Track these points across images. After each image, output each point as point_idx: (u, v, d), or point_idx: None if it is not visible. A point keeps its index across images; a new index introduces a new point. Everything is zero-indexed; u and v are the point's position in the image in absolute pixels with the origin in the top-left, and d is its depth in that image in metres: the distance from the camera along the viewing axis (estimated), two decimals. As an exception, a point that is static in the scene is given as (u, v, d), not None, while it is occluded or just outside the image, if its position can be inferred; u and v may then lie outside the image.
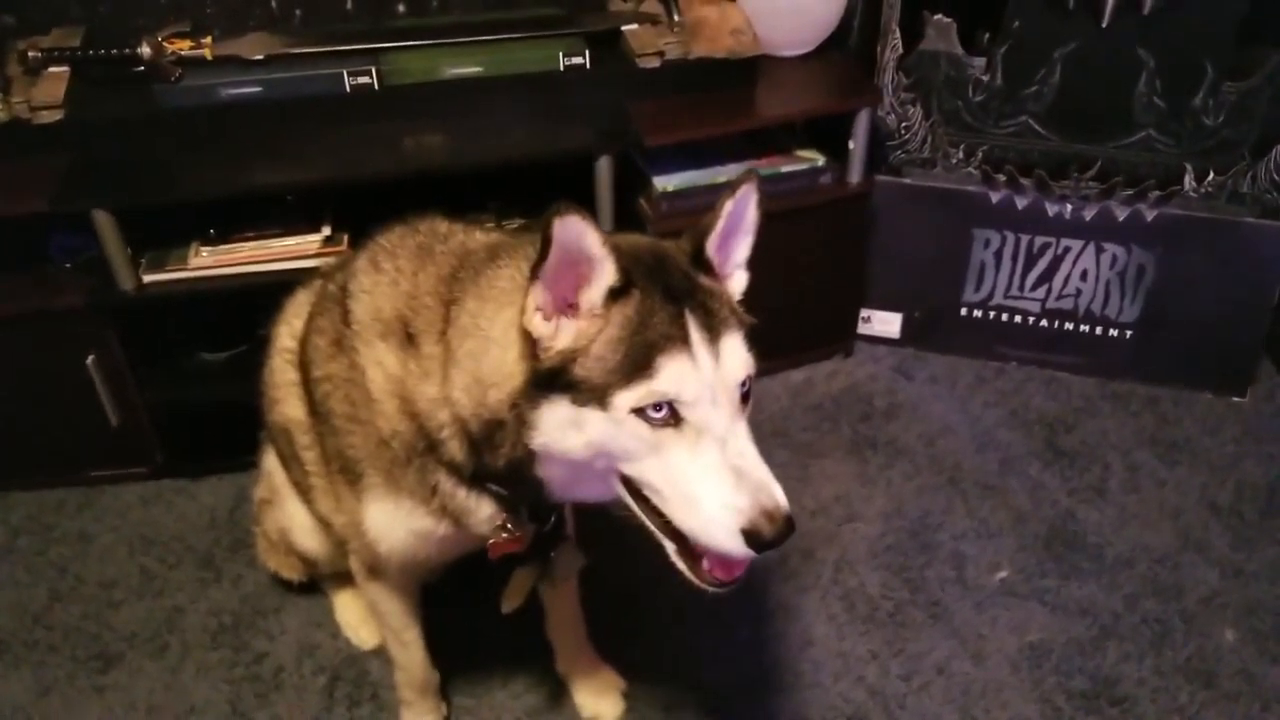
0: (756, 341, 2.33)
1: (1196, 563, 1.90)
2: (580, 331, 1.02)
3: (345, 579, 1.73)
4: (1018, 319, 2.36)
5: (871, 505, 2.03)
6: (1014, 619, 1.80)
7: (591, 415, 1.02)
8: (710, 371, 1.01)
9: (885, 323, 2.43)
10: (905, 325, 2.42)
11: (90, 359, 1.95)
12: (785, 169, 2.15)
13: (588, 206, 1.97)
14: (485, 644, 1.75)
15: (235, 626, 1.83)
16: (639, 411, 1.00)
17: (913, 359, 2.41)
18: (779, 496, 1.03)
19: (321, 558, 1.69)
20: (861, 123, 2.11)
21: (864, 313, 2.43)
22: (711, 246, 1.11)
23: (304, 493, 1.51)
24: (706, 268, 1.10)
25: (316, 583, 1.84)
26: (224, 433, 2.07)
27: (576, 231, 0.97)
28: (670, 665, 1.73)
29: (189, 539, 2.01)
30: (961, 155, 2.27)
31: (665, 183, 2.09)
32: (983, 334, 2.39)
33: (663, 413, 1.00)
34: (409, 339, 1.18)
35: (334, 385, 1.27)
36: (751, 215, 1.14)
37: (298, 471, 1.46)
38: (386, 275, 1.23)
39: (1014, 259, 2.30)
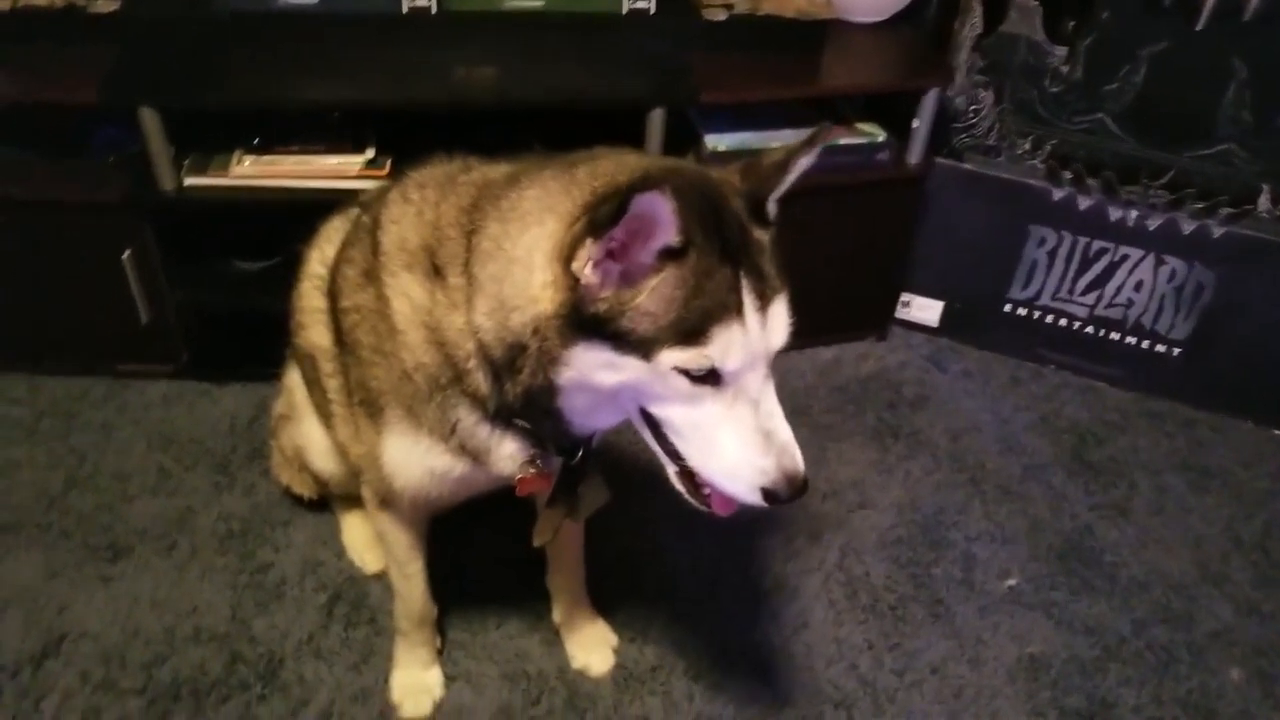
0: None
1: (1212, 595, 1.86)
2: (633, 286, 1.00)
3: (355, 501, 1.74)
4: (1062, 322, 2.30)
5: (886, 495, 2.00)
6: (1017, 628, 1.77)
7: (631, 362, 1.02)
8: (758, 339, 1.02)
9: (925, 309, 2.38)
10: (945, 314, 2.37)
11: (126, 254, 1.95)
12: (843, 141, 2.08)
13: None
14: (486, 584, 1.76)
15: (244, 534, 1.85)
16: (682, 368, 1.01)
17: (948, 350, 2.36)
18: (800, 461, 1.08)
19: (334, 479, 1.70)
20: (929, 102, 2.04)
21: (904, 297, 2.38)
22: (772, 203, 1.09)
23: (324, 418, 1.51)
24: (762, 219, 1.08)
25: (327, 501, 1.85)
26: (250, 341, 2.08)
27: (656, 206, 0.94)
28: (662, 630, 1.73)
29: (207, 442, 2.03)
30: (1028, 147, 2.19)
31: (717, 141, 2.04)
32: (1024, 333, 2.33)
33: (705, 372, 1.01)
34: (435, 270, 1.16)
35: (361, 316, 1.26)
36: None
37: (319, 396, 1.46)
38: (413, 206, 1.22)
39: (1068, 260, 2.23)
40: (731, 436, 1.05)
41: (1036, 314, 2.31)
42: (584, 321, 1.02)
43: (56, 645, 1.65)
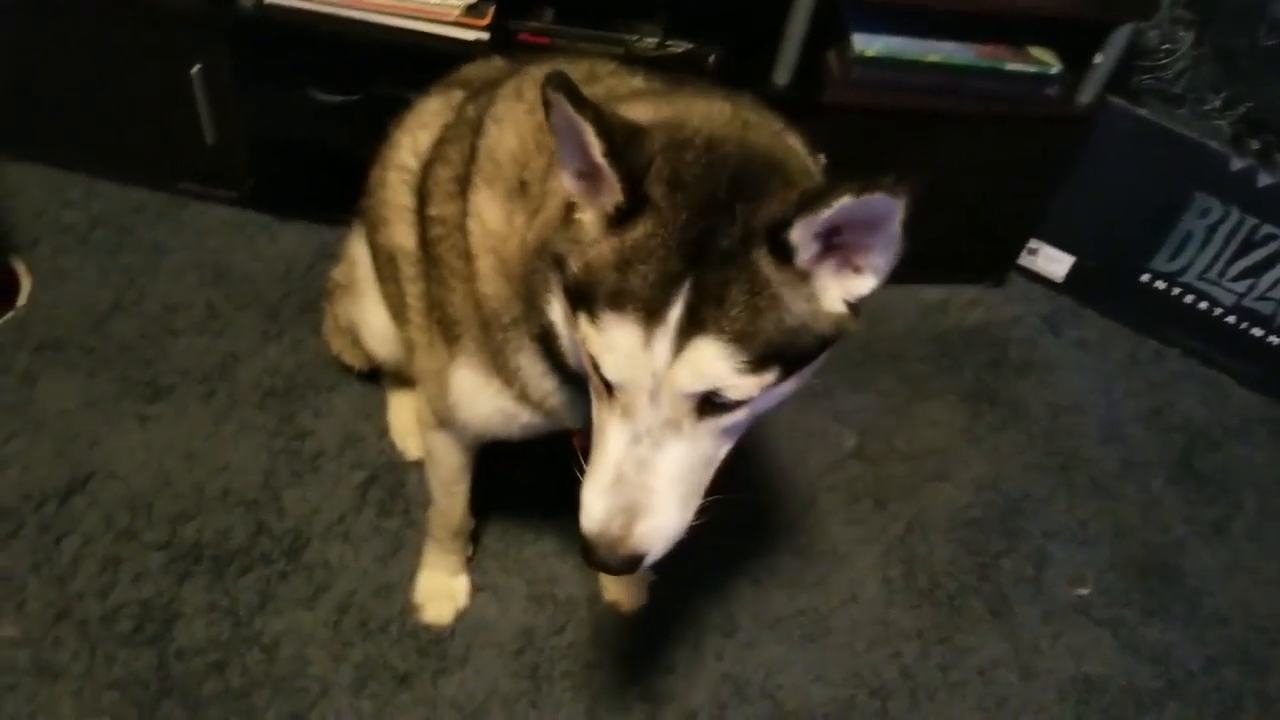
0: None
1: (1297, 644, 1.72)
2: (594, 224, 0.85)
3: (405, 382, 1.65)
4: (1203, 305, 2.06)
5: (967, 469, 1.85)
6: (1078, 643, 1.65)
7: (570, 314, 0.89)
8: (658, 361, 0.82)
9: (1052, 261, 2.14)
10: (1074, 271, 2.13)
11: (196, 69, 1.81)
12: (1010, 66, 1.81)
13: (770, 47, 1.72)
14: (528, 500, 1.66)
15: (286, 393, 1.77)
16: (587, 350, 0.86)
17: (1068, 313, 2.14)
18: (636, 532, 0.88)
19: (387, 361, 1.60)
20: (1120, 37, 1.76)
21: (1032, 243, 2.14)
22: (801, 234, 0.80)
23: (397, 316, 1.39)
24: (782, 253, 0.82)
25: (375, 374, 1.75)
26: (318, 178, 1.98)
27: (567, 119, 0.80)
28: (702, 577, 1.64)
29: (260, 284, 1.92)
30: (1218, 104, 1.90)
31: (866, 44, 1.78)
32: (1157, 309, 2.09)
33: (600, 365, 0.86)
34: (521, 186, 1.02)
35: (446, 230, 1.12)
36: (879, 239, 0.83)
37: (394, 295, 1.34)
38: (515, 111, 1.06)
39: (1228, 239, 1.97)
40: (598, 454, 0.89)
41: (1177, 291, 2.06)
42: (559, 241, 0.89)
43: (84, 482, 1.61)
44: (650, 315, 0.81)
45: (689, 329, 0.80)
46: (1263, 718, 1.62)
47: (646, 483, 0.87)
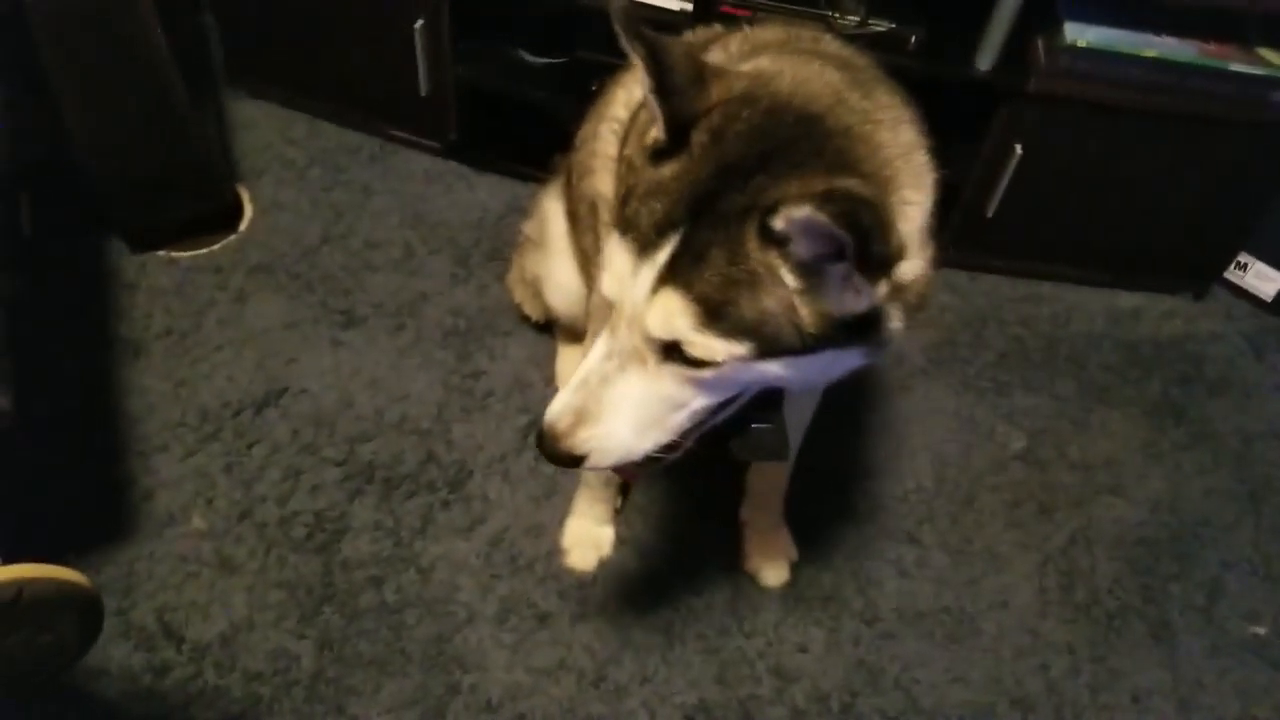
0: (1086, 248, 1.88)
1: None
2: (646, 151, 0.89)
3: (577, 336, 1.70)
4: None
5: (1144, 485, 1.75)
6: (1248, 683, 1.54)
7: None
8: (637, 296, 0.86)
9: (1263, 279, 1.99)
10: (1286, 292, 1.98)
11: (419, 24, 1.91)
12: (1234, 67, 1.69)
13: (975, 29, 1.68)
14: (679, 464, 1.68)
15: (466, 334, 1.87)
16: None
17: (1274, 334, 1.99)
18: (578, 436, 0.92)
19: (564, 315, 1.66)
20: (1369, 39, 1.61)
21: (1242, 257, 2.00)
22: (786, 225, 0.78)
23: (583, 265, 1.44)
24: (767, 233, 0.80)
25: (550, 326, 1.82)
26: (519, 135, 2.09)
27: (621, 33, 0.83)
28: (848, 560, 1.62)
29: (454, 230, 2.03)
30: None
31: (1079, 33, 1.70)
32: (1381, 341, 1.92)
33: None
34: None
35: (626, 168, 1.15)
36: (839, 269, 0.81)
37: (590, 242, 1.39)
38: (728, 53, 1.07)
39: None
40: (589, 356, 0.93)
41: (1405, 324, 1.89)
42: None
43: (278, 396, 1.75)
44: (642, 250, 0.85)
45: (665, 276, 0.83)
46: None
47: (602, 395, 0.91)
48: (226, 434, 1.69)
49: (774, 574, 1.59)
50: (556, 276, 1.60)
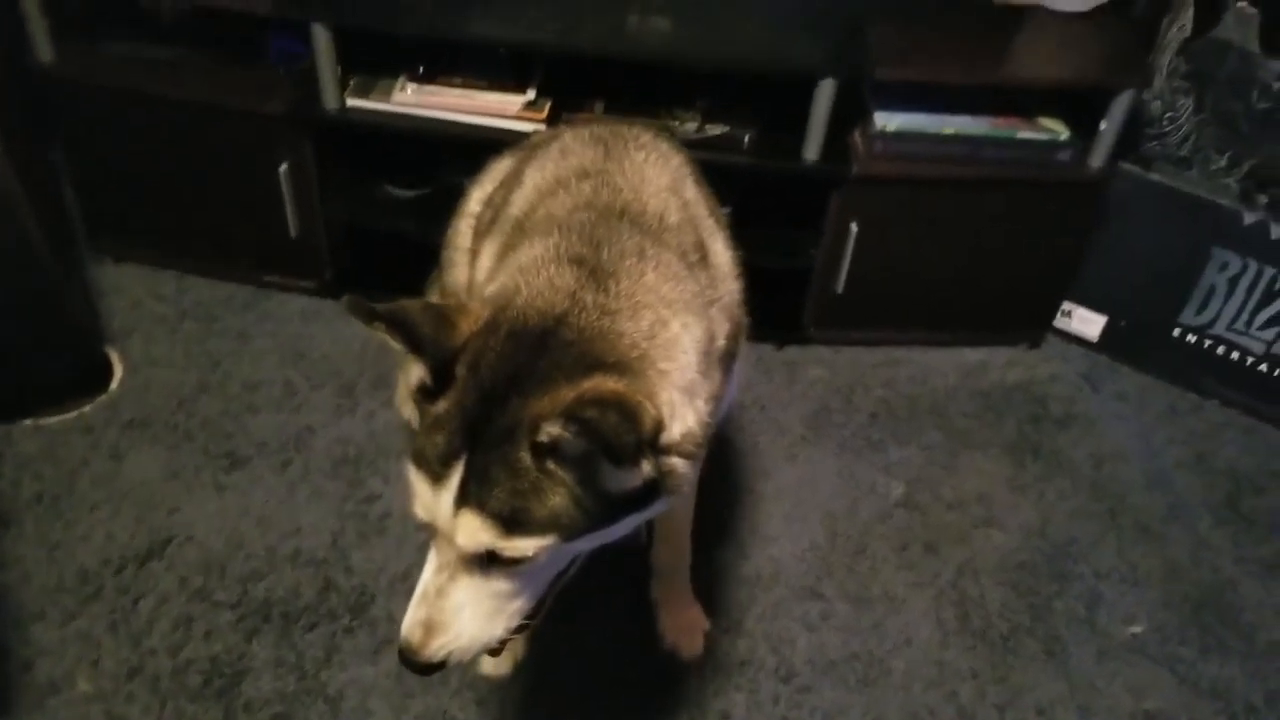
0: (931, 314, 2.12)
1: (1361, 677, 1.70)
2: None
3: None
4: (1235, 355, 2.11)
5: (1015, 515, 1.89)
6: (1137, 680, 1.65)
7: None
8: (442, 521, 0.93)
9: (1086, 322, 2.22)
10: (1107, 330, 2.20)
11: (283, 168, 1.98)
12: (1021, 135, 1.94)
13: (799, 127, 1.87)
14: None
15: (356, 461, 1.88)
16: None
17: (1105, 369, 2.20)
18: (432, 644, 0.97)
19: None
20: (1122, 103, 1.88)
21: (1066, 305, 2.22)
22: (554, 434, 0.87)
23: None
24: (539, 446, 0.89)
25: (441, 441, 1.85)
26: (393, 267, 2.12)
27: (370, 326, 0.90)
28: (758, 623, 1.68)
29: (336, 363, 2.06)
30: (1224, 163, 2.01)
31: (887, 121, 1.92)
32: (1190, 362, 2.15)
33: None
34: (504, 252, 1.12)
35: (474, 261, 1.25)
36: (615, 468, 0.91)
37: None
38: (542, 179, 1.17)
39: (1250, 290, 2.04)
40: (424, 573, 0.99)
41: (1207, 343, 2.12)
42: None
43: (163, 547, 1.71)
44: (435, 479, 0.91)
45: (460, 499, 0.90)
46: (1333, 751, 1.59)
47: (444, 606, 0.97)
48: (109, 592, 1.64)
49: (690, 646, 1.63)
50: None
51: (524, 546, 0.91)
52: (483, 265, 1.17)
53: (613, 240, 1.02)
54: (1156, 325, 2.16)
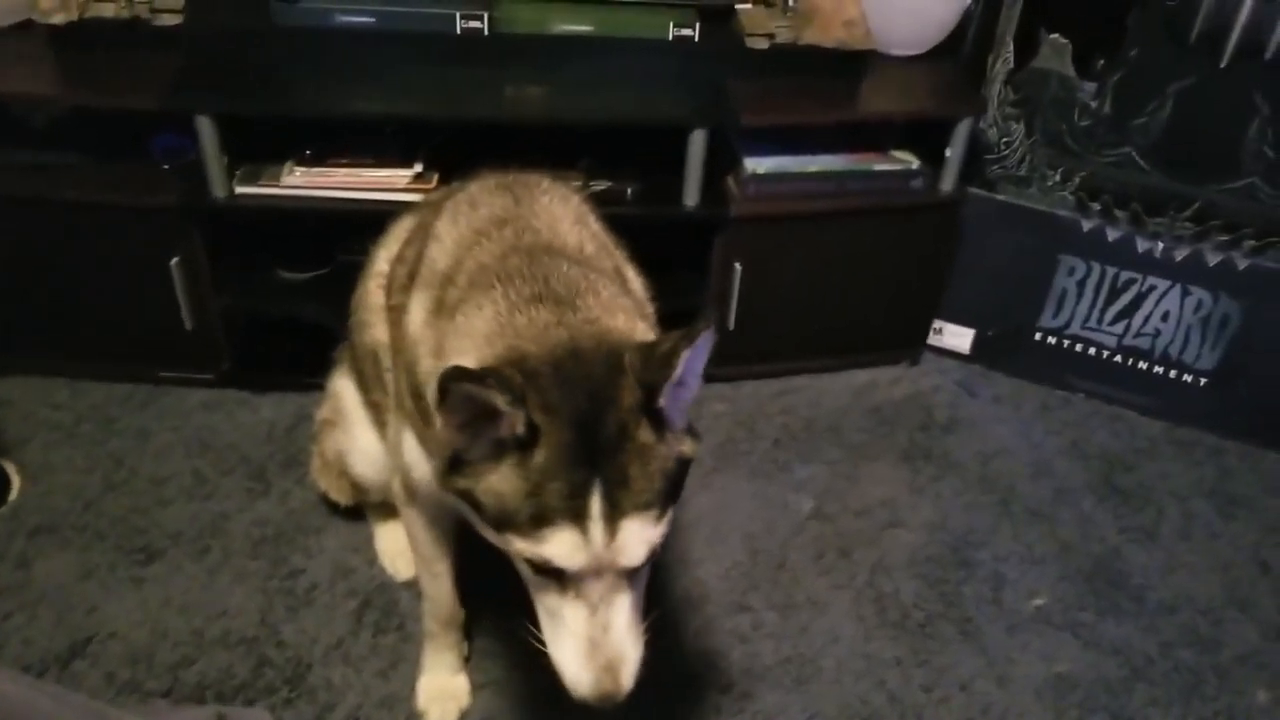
0: (819, 342, 2.29)
1: (1239, 619, 1.85)
2: (489, 461, 0.99)
3: (390, 510, 1.75)
4: (1092, 351, 2.32)
5: (917, 515, 2.01)
6: (1045, 648, 1.77)
7: (489, 530, 1.04)
8: (601, 549, 0.98)
9: (957, 336, 2.40)
10: (977, 342, 2.39)
11: (174, 261, 1.99)
12: (878, 167, 2.13)
13: (677, 177, 2.01)
14: (519, 594, 1.76)
15: (276, 539, 1.87)
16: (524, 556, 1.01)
17: (980, 377, 2.38)
18: (623, 681, 1.04)
19: (375, 485, 1.71)
20: (961, 132, 2.08)
21: (936, 323, 2.40)
22: (665, 397, 0.99)
23: (377, 413, 1.54)
24: (655, 418, 0.99)
25: (360, 510, 1.87)
26: (293, 351, 2.14)
27: (481, 397, 0.93)
28: (693, 640, 1.73)
29: (244, 449, 2.05)
30: (1058, 179, 2.23)
31: (756, 165, 2.08)
32: (1054, 361, 2.35)
33: (546, 566, 1.00)
34: (439, 306, 1.18)
35: (396, 316, 1.30)
36: (700, 366, 1.02)
37: (378, 392, 1.49)
38: (457, 230, 1.24)
39: (1097, 290, 2.26)
40: (565, 634, 1.04)
41: (1066, 342, 2.33)
42: (456, 473, 1.02)
43: (84, 645, 1.66)
44: (577, 519, 0.95)
45: (613, 516, 0.96)
46: (1221, 688, 1.73)
47: (614, 640, 1.02)
48: (34, 696, 1.59)
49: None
50: (360, 444, 1.67)
51: (665, 526, 1.00)
52: (414, 319, 1.21)
53: (554, 273, 1.10)
54: (1020, 332, 2.35)
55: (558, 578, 1.01)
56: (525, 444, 0.96)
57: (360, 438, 1.67)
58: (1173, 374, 2.27)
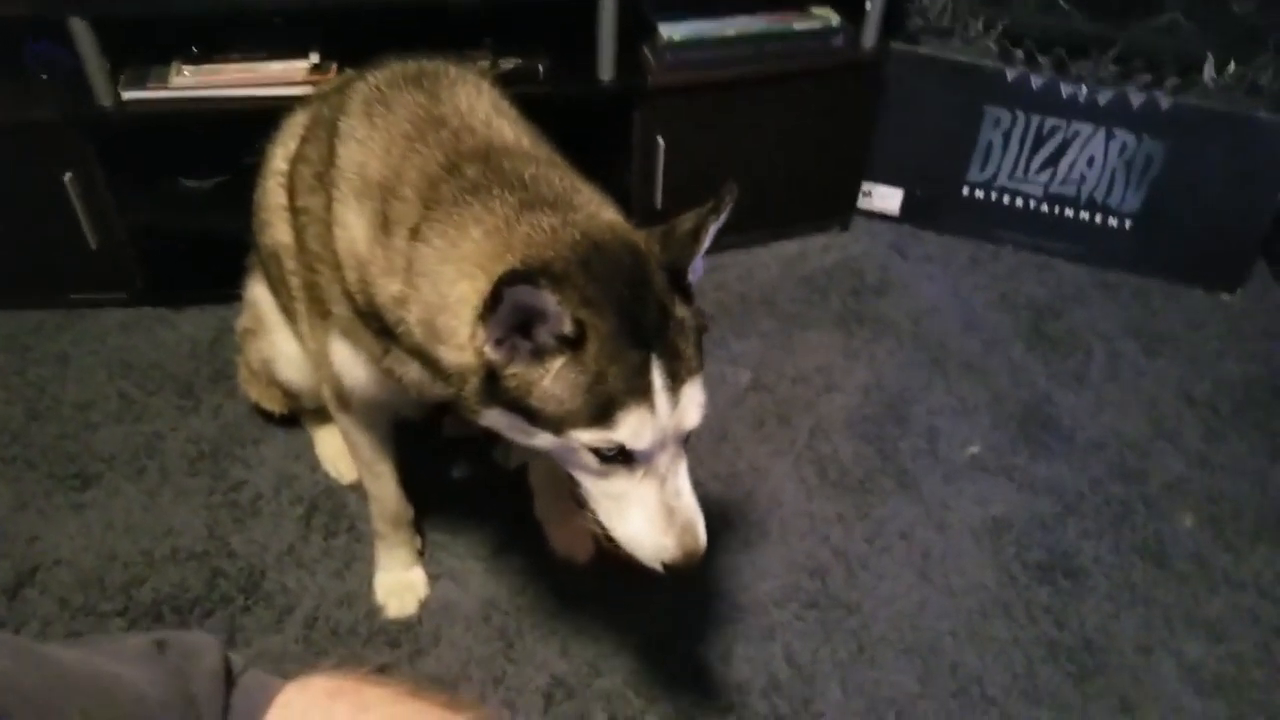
0: (747, 215, 2.30)
1: (1165, 451, 1.93)
2: (541, 365, 1.00)
3: (326, 415, 1.72)
4: (1019, 202, 2.33)
5: (852, 377, 2.03)
6: (980, 492, 1.83)
7: (544, 435, 1.05)
8: (668, 422, 1.03)
9: (886, 198, 2.39)
10: (906, 202, 2.38)
11: (68, 176, 1.90)
12: (797, 26, 2.07)
13: (589, 51, 1.93)
14: (465, 483, 1.77)
15: (214, 454, 1.84)
16: (591, 447, 1.04)
17: (910, 237, 2.39)
18: (700, 538, 1.11)
19: (305, 390, 1.69)
20: (881, -17, 2.03)
21: (865, 186, 2.39)
22: (693, 271, 1.06)
23: (289, 316, 1.50)
24: (685, 293, 1.06)
25: (296, 416, 1.84)
26: (206, 263, 2.04)
27: (533, 299, 0.95)
28: (641, 517, 1.76)
29: (168, 367, 2.00)
30: (981, 28, 2.20)
31: (672, 31, 2.01)
32: (983, 216, 2.35)
33: (614, 451, 1.03)
34: (384, 221, 1.13)
35: (310, 220, 1.25)
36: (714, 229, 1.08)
37: (285, 296, 1.45)
38: (379, 134, 1.18)
39: (1022, 140, 2.25)
40: (638, 511, 1.09)
41: (994, 195, 2.33)
42: (498, 390, 1.03)
43: (31, 575, 1.64)
44: (644, 396, 1.00)
45: (674, 387, 1.02)
46: (1150, 516, 1.81)
47: (685, 503, 1.10)
48: (-14, 629, 1.58)
49: (584, 551, 1.69)
50: (283, 350, 1.63)
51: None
52: (355, 235, 1.15)
53: (527, 176, 1.09)
54: (948, 189, 2.35)
55: (625, 460, 1.05)
56: (574, 342, 0.98)
57: (282, 344, 1.64)
58: (1098, 219, 2.29)
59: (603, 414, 1.00)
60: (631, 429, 1.01)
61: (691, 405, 1.04)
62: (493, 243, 1.04)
